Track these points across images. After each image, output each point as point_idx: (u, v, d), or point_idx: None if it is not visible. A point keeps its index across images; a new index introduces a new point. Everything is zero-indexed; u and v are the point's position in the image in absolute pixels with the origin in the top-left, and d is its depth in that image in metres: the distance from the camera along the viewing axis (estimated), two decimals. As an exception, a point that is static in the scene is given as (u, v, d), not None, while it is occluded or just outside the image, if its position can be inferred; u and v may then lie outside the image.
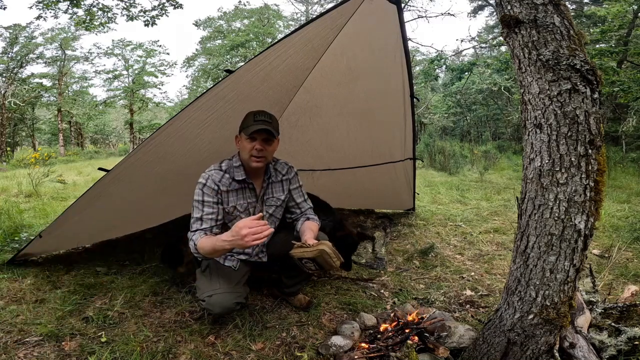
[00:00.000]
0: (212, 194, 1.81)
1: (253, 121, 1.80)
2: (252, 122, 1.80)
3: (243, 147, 1.84)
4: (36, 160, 8.93)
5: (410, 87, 2.75)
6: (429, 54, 18.62)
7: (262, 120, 1.80)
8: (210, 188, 1.81)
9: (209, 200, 1.81)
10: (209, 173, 1.85)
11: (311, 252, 1.67)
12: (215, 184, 1.82)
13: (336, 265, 1.69)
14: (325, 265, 1.70)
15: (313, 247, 1.68)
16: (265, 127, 1.78)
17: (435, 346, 1.62)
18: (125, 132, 27.22)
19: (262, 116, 1.82)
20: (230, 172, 1.86)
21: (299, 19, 22.74)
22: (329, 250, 1.65)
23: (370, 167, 3.55)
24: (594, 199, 1.28)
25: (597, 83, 1.24)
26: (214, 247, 1.63)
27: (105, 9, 7.80)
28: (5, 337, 1.74)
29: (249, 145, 1.80)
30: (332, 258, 1.66)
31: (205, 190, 1.81)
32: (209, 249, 1.66)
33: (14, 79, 17.45)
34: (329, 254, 1.65)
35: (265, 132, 1.79)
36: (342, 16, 2.11)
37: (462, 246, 3.29)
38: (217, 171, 1.86)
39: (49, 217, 3.76)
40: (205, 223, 1.80)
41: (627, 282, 2.44)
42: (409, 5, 12.17)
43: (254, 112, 1.84)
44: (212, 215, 1.81)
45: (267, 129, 1.78)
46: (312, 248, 1.68)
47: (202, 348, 1.76)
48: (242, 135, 1.83)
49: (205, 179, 1.82)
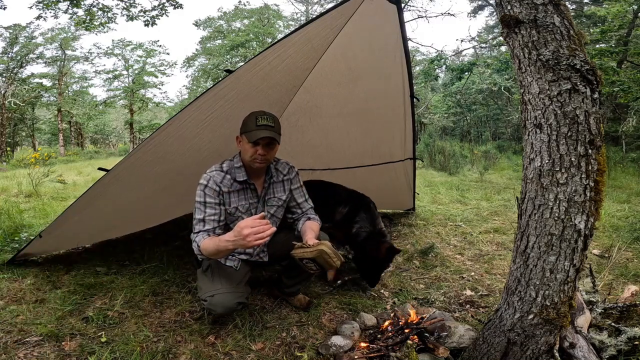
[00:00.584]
0: (214, 195, 1.81)
1: (255, 126, 1.75)
2: (254, 126, 1.75)
3: (245, 150, 1.81)
4: (36, 160, 8.94)
5: (410, 87, 2.75)
6: (429, 54, 18.64)
7: (265, 126, 1.75)
8: (212, 189, 1.80)
9: (210, 202, 1.80)
10: (210, 174, 1.83)
11: (311, 252, 1.67)
12: (216, 185, 1.81)
13: (336, 265, 1.68)
14: (325, 265, 1.69)
15: (313, 248, 1.67)
16: (269, 135, 1.74)
17: (435, 346, 1.62)
18: (125, 132, 27.21)
19: (265, 120, 1.77)
20: (232, 173, 1.85)
21: (299, 19, 22.74)
22: (329, 251, 1.65)
23: (370, 167, 3.55)
24: (594, 199, 1.28)
25: (597, 83, 1.24)
26: (218, 247, 1.63)
27: (105, 9, 7.80)
28: (5, 337, 1.74)
29: (251, 150, 1.78)
30: (332, 258, 1.66)
31: (207, 192, 1.80)
32: (213, 250, 1.65)
33: (14, 79, 17.44)
34: (329, 254, 1.65)
35: (269, 138, 1.76)
36: (342, 16, 2.11)
37: (462, 246, 3.29)
38: (218, 172, 1.84)
39: (49, 217, 3.76)
40: (207, 224, 1.79)
41: (627, 282, 2.44)
42: (409, 5, 12.17)
43: (256, 113, 1.79)
44: (214, 216, 1.80)
45: (270, 136, 1.75)
46: (312, 248, 1.67)
47: (202, 348, 1.76)
48: (244, 138, 1.80)
49: (207, 180, 1.81)
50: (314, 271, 1.78)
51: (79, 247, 2.95)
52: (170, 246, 3.01)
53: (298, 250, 1.72)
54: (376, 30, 2.40)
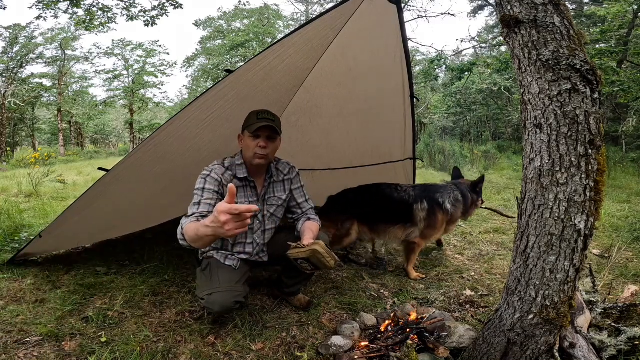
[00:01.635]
0: (215, 184, 1.81)
1: (257, 119, 1.82)
2: (255, 120, 1.82)
3: (247, 146, 1.85)
4: (36, 160, 8.93)
5: (410, 87, 2.75)
6: (429, 54, 18.63)
7: (265, 118, 1.82)
8: (214, 179, 1.81)
9: (209, 188, 1.78)
10: (212, 167, 1.86)
11: (304, 252, 1.69)
12: (218, 177, 1.83)
13: (330, 265, 1.70)
14: (319, 265, 1.71)
15: (306, 248, 1.69)
16: (269, 124, 1.80)
17: (435, 346, 1.62)
18: (125, 132, 27.20)
19: (265, 114, 1.84)
20: (233, 170, 1.88)
21: (299, 19, 22.72)
22: (322, 250, 1.67)
23: (370, 167, 3.55)
24: (594, 199, 1.28)
25: (597, 83, 1.24)
26: (197, 232, 1.41)
27: (105, 9, 7.80)
28: (5, 337, 1.74)
29: (252, 143, 1.82)
30: (325, 258, 1.67)
31: (208, 180, 1.80)
32: (193, 234, 1.46)
33: (14, 79, 17.43)
34: (322, 254, 1.67)
35: (269, 129, 1.81)
36: (342, 16, 2.11)
37: (462, 246, 3.29)
38: (220, 167, 1.87)
39: (49, 217, 3.76)
40: (202, 207, 1.70)
41: (627, 282, 2.44)
42: (409, 5, 12.17)
43: (256, 111, 1.86)
44: (210, 200, 1.74)
45: (270, 126, 1.81)
46: (306, 248, 1.69)
47: (202, 348, 1.76)
48: (246, 134, 1.86)
49: (209, 171, 1.83)
50: (309, 271, 1.79)
51: (79, 247, 2.95)
52: (170, 246, 3.01)
53: (293, 250, 1.74)
54: (376, 30, 2.40)
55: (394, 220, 2.65)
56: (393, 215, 2.65)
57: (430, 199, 2.66)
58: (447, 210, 2.65)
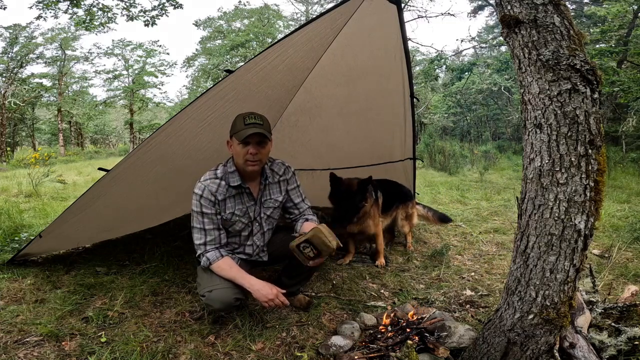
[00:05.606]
0: (210, 205, 1.82)
1: (244, 125, 1.75)
2: (242, 126, 1.75)
3: (236, 153, 1.80)
4: (36, 160, 8.93)
5: (410, 87, 2.75)
6: (429, 54, 18.62)
7: (253, 124, 1.75)
8: (207, 199, 1.81)
9: (207, 212, 1.82)
10: (204, 183, 1.83)
11: (307, 234, 1.72)
12: (211, 195, 1.81)
13: (332, 246, 1.71)
14: (322, 246, 1.72)
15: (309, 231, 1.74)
16: (258, 131, 1.74)
17: (435, 346, 1.62)
18: (125, 132, 27.19)
19: (253, 119, 1.77)
20: (226, 179, 1.85)
21: (299, 19, 22.72)
22: (324, 230, 1.69)
23: (370, 167, 3.55)
24: (594, 199, 1.28)
25: (597, 83, 1.24)
26: (233, 278, 1.79)
27: (105, 9, 7.81)
28: (5, 337, 1.74)
29: (242, 151, 1.77)
30: (327, 238, 1.69)
31: (203, 202, 1.81)
32: (226, 276, 1.79)
33: (14, 79, 17.43)
34: (324, 233, 1.69)
35: (258, 135, 1.76)
36: (342, 16, 2.11)
37: (462, 246, 3.29)
38: (213, 180, 1.84)
39: (49, 217, 3.76)
40: (209, 235, 1.83)
41: (627, 282, 2.43)
42: (409, 5, 12.18)
43: (243, 115, 1.79)
44: (212, 225, 1.84)
45: (260, 132, 1.74)
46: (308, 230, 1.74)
47: (202, 348, 1.76)
48: (234, 140, 1.79)
49: (202, 190, 1.81)
50: (311, 258, 1.77)
51: (79, 247, 2.95)
52: (170, 246, 3.01)
53: (295, 241, 1.76)
54: (376, 30, 2.40)
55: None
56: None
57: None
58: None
